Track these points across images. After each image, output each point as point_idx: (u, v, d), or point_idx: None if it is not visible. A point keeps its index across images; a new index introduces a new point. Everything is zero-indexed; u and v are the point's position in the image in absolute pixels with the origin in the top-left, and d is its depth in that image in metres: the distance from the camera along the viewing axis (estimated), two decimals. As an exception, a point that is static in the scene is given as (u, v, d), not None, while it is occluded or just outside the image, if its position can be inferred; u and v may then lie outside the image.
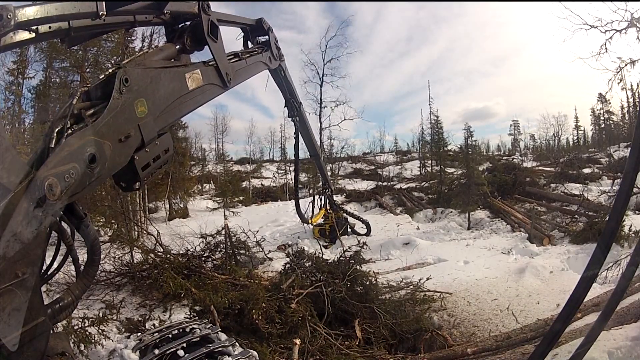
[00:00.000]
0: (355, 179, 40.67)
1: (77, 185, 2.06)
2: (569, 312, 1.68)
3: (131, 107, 2.45)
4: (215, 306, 6.33)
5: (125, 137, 2.41)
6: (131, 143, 2.49)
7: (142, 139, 2.57)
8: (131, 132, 2.45)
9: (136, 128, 2.50)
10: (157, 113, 2.71)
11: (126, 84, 2.38)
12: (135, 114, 2.48)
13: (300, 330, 6.48)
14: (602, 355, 4.76)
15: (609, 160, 33.08)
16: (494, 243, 13.96)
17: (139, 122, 2.51)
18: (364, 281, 7.72)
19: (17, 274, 1.76)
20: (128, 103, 2.42)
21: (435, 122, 32.09)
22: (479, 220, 18.06)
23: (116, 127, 2.33)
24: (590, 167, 30.37)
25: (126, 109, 2.40)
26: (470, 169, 19.63)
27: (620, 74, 15.89)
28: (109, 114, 2.26)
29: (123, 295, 8.68)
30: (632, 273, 1.60)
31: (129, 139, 2.44)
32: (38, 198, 1.83)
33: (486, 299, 8.32)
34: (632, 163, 1.47)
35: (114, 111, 2.30)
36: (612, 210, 1.56)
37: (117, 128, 2.34)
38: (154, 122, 2.67)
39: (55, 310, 2.17)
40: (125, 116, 2.40)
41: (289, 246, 14.46)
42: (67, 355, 2.42)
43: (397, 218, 20.08)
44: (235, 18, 4.92)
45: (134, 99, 2.47)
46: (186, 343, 4.01)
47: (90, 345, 6.23)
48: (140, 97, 2.52)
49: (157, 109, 2.70)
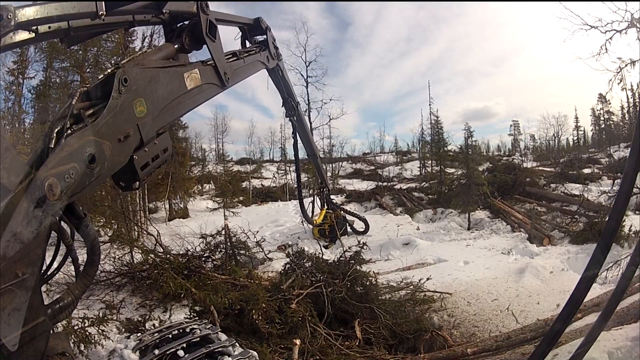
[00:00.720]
0: (355, 179, 40.63)
1: (77, 185, 2.07)
2: (569, 312, 1.68)
3: (130, 107, 2.45)
4: (215, 306, 6.33)
5: (124, 136, 2.41)
6: (130, 143, 2.50)
7: (141, 139, 2.58)
8: (130, 132, 2.46)
9: (135, 128, 2.51)
10: (156, 112, 2.72)
11: (125, 84, 2.38)
12: (134, 114, 2.49)
13: (300, 330, 6.48)
14: (602, 356, 4.76)
15: (609, 161, 33.12)
16: (494, 243, 13.96)
17: (137, 122, 2.52)
18: (364, 281, 7.72)
19: (17, 274, 1.77)
20: (127, 103, 2.42)
21: (436, 122, 32.11)
22: (479, 220, 18.06)
23: (115, 126, 2.33)
24: (590, 167, 30.40)
25: (125, 109, 2.41)
26: (470, 169, 19.62)
27: (620, 75, 15.88)
28: (108, 114, 2.27)
29: (123, 296, 8.68)
30: (632, 273, 1.61)
31: (128, 138, 2.45)
32: (38, 198, 1.83)
33: (486, 299, 8.32)
34: (632, 163, 1.47)
35: (113, 111, 2.31)
36: (612, 210, 1.56)
37: (117, 128, 2.35)
38: (152, 121, 2.68)
39: (55, 310, 2.17)
40: (124, 116, 2.41)
41: (289, 246, 14.43)
42: (67, 356, 2.43)
43: (397, 218, 20.06)
44: (234, 17, 4.94)
45: (133, 99, 2.47)
46: (186, 343, 4.01)
47: (90, 345, 6.24)
48: (139, 96, 2.53)
49: (155, 108, 2.71)
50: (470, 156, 21.12)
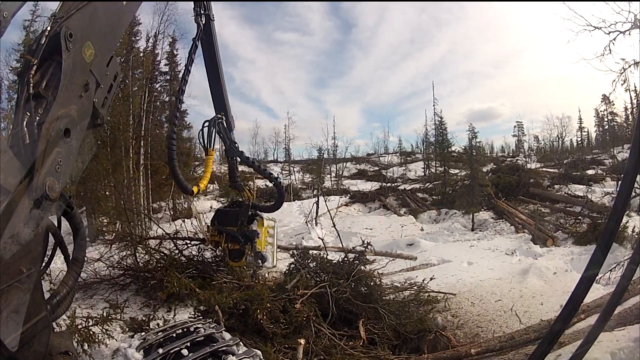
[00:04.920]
0: (359, 180, 40.64)
1: (66, 167, 2.06)
2: (568, 313, 1.70)
3: (80, 57, 2.29)
4: (220, 306, 6.35)
5: (84, 90, 2.31)
6: (90, 92, 2.38)
7: (96, 80, 2.43)
8: (87, 81, 2.34)
9: (89, 74, 2.37)
10: (104, 47, 2.53)
11: (71, 39, 2.20)
12: (85, 61, 2.33)
13: (304, 330, 6.49)
14: (604, 356, 4.75)
15: (612, 162, 33.13)
16: (497, 244, 13.97)
17: (90, 67, 2.37)
18: (368, 282, 7.72)
19: (22, 270, 1.79)
20: (77, 55, 2.26)
21: (440, 123, 32.13)
22: (482, 221, 18.08)
23: (74, 86, 2.23)
24: (593, 168, 30.40)
25: (77, 63, 2.26)
26: (474, 170, 19.67)
27: (623, 75, 15.90)
28: (65, 78, 2.14)
29: (127, 295, 8.71)
30: (633, 272, 1.62)
31: (87, 90, 2.34)
32: (38, 197, 1.85)
33: (490, 299, 8.31)
34: (633, 164, 1.48)
35: (68, 72, 2.17)
36: (612, 210, 1.57)
37: (76, 87, 2.25)
38: (101, 56, 2.49)
39: (54, 305, 2.19)
40: (79, 70, 2.27)
41: (293, 247, 14.43)
42: (71, 355, 2.43)
43: (401, 219, 20.09)
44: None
45: (81, 47, 2.30)
46: (190, 342, 4.02)
47: (94, 344, 6.25)
48: (86, 41, 2.34)
49: (102, 43, 2.50)
50: (474, 157, 21.16)
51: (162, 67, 26.72)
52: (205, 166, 7.62)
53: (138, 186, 20.56)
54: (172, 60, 26.88)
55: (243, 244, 7.29)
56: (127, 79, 20.44)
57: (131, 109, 20.01)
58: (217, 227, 7.85)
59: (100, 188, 18.30)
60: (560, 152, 48.67)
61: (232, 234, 7.29)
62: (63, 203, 2.14)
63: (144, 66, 23.00)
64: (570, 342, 5.35)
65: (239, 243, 7.43)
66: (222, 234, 7.52)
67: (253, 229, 7.65)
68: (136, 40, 23.34)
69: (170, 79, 26.70)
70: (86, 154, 2.43)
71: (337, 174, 42.54)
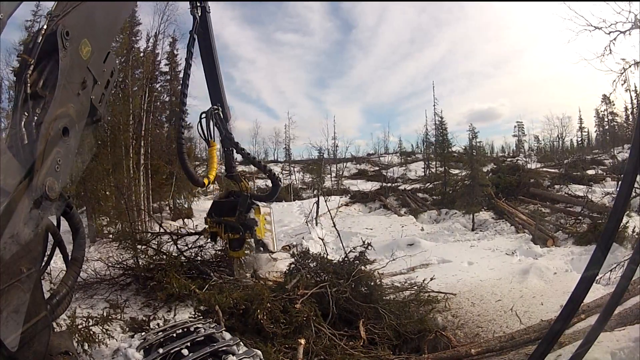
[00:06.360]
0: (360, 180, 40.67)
1: (65, 167, 2.07)
2: (568, 313, 1.70)
3: (77, 55, 2.30)
4: (220, 306, 6.34)
5: (82, 88, 2.33)
6: (88, 89, 2.40)
7: (94, 77, 2.45)
8: (85, 78, 2.36)
9: (87, 71, 2.38)
10: (100, 43, 2.54)
11: (67, 37, 2.21)
12: (82, 59, 2.34)
13: (304, 330, 6.48)
14: (605, 357, 4.75)
15: (612, 162, 33.15)
16: (498, 244, 13.97)
17: (87, 65, 2.39)
18: (369, 282, 7.71)
19: (22, 269, 1.79)
20: (74, 54, 2.27)
21: (440, 123, 32.15)
22: (483, 221, 18.08)
23: (72, 85, 2.24)
24: (594, 168, 30.41)
25: (75, 61, 2.27)
26: (474, 170, 19.68)
27: (624, 75, 15.89)
28: (62, 77, 2.14)
29: (127, 295, 8.71)
30: (633, 272, 1.61)
31: (85, 87, 2.36)
32: (38, 197, 1.85)
33: (490, 299, 8.31)
34: (633, 164, 1.48)
35: (66, 71, 2.18)
36: (612, 210, 1.57)
37: (73, 85, 2.26)
38: (98, 53, 2.51)
39: (53, 305, 2.19)
40: (76, 68, 2.29)
41: (293, 246, 14.43)
42: (71, 355, 2.43)
43: (402, 219, 20.07)
44: None
45: (77, 46, 2.31)
46: (190, 342, 4.02)
47: (94, 344, 6.25)
48: (82, 38, 2.35)
49: (99, 39, 2.53)
50: (474, 157, 21.16)
51: (162, 67, 26.76)
52: (209, 158, 8.02)
53: (138, 186, 20.54)
54: (172, 60, 26.91)
55: (243, 233, 7.44)
56: (127, 79, 20.44)
57: (131, 109, 19.99)
58: (215, 219, 8.01)
59: (101, 188, 18.31)
60: (560, 152, 48.76)
61: (231, 224, 7.39)
62: (62, 203, 2.14)
63: (144, 66, 22.99)
64: (570, 342, 5.33)
65: (238, 232, 7.57)
66: (221, 224, 7.65)
67: (252, 218, 7.80)
68: (136, 40, 23.35)
69: (171, 78, 26.74)
70: (86, 153, 2.45)
71: (337, 174, 42.58)
